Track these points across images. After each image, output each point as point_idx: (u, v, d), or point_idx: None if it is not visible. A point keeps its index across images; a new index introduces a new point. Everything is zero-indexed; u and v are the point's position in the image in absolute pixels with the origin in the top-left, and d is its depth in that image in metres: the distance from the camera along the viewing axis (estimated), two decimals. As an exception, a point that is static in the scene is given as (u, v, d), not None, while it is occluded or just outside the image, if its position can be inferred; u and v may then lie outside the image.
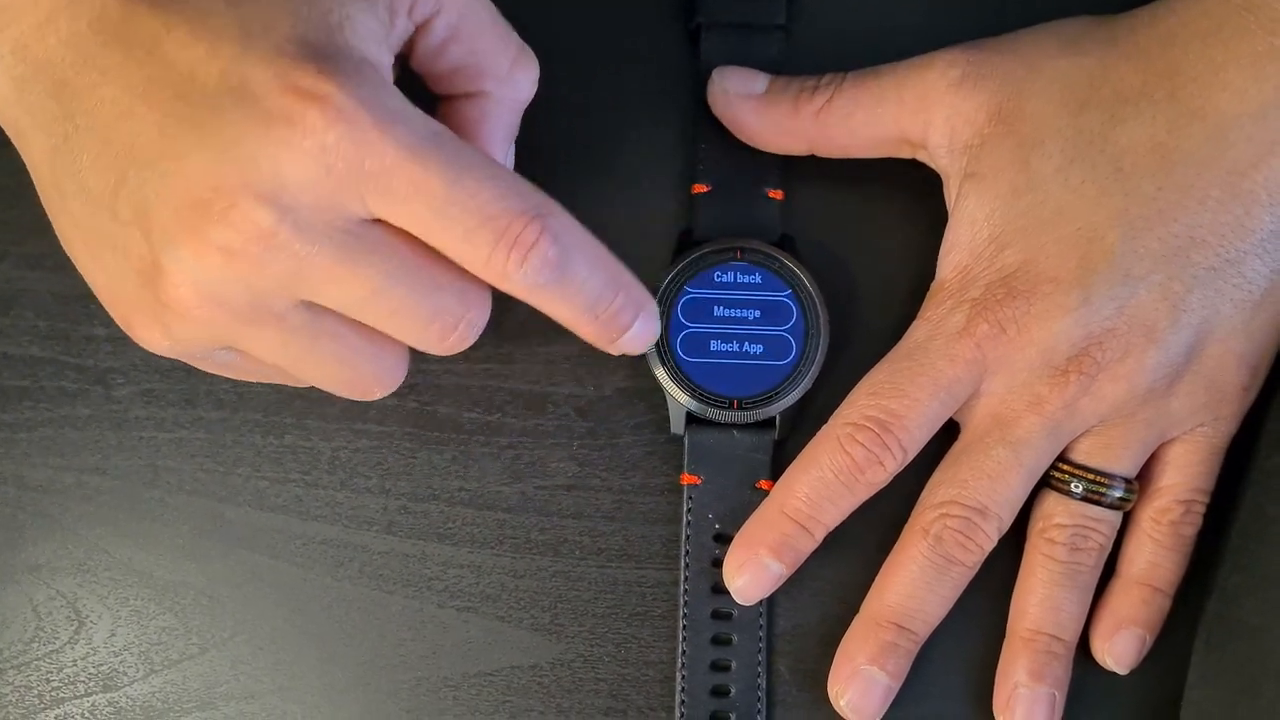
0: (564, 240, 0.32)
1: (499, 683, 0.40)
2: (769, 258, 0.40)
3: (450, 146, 0.31)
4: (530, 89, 0.36)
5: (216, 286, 0.31)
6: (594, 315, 0.34)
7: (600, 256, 0.33)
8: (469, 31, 0.35)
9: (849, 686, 0.39)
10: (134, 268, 0.32)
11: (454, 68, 0.35)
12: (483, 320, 0.34)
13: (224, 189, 0.30)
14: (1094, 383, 0.37)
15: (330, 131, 0.30)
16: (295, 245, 0.30)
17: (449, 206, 0.31)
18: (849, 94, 0.40)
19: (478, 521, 0.41)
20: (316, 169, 0.30)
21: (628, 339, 0.35)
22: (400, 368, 0.36)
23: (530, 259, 0.31)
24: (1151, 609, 0.40)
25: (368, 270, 0.32)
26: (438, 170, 0.30)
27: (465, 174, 0.31)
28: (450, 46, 0.35)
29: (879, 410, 0.38)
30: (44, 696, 0.41)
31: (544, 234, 0.31)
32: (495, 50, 0.35)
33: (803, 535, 0.39)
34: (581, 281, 0.33)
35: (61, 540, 0.41)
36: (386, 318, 0.33)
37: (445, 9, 0.34)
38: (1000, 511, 0.38)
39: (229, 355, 0.35)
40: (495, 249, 0.31)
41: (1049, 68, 0.38)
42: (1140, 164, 0.37)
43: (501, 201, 0.31)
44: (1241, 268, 0.37)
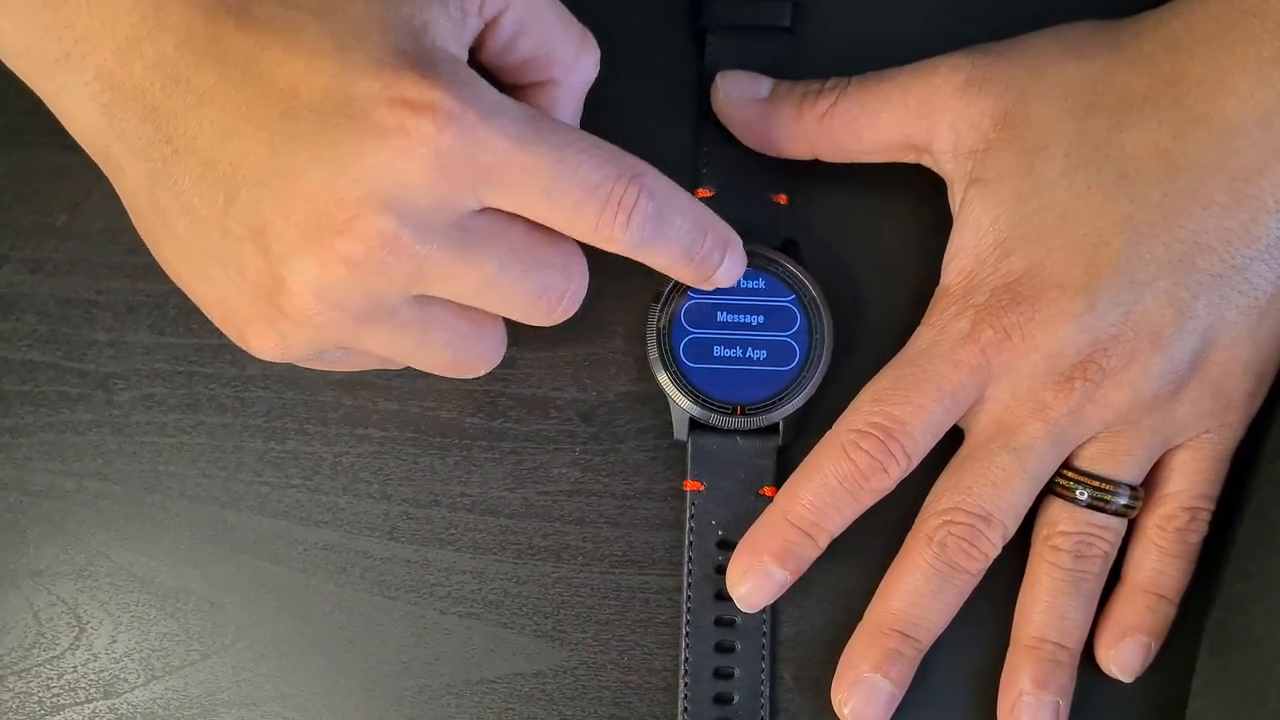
0: (659, 195, 0.34)
1: (502, 690, 0.40)
2: (772, 262, 0.40)
3: (548, 128, 0.32)
4: (594, 71, 0.38)
5: (338, 294, 0.32)
6: (689, 259, 0.36)
7: (688, 203, 0.35)
8: (535, 24, 0.36)
9: (852, 694, 0.39)
10: (249, 281, 0.33)
11: (523, 60, 0.36)
12: (584, 289, 0.36)
13: (345, 202, 0.31)
14: (1099, 389, 0.37)
15: (444, 136, 0.31)
16: (416, 247, 0.32)
17: (556, 184, 0.32)
18: (853, 98, 0.40)
19: (480, 527, 0.41)
20: (433, 172, 0.31)
21: (720, 275, 0.37)
22: (501, 345, 0.37)
23: (634, 218, 0.33)
24: (1156, 616, 0.40)
25: (481, 260, 0.33)
26: (544, 153, 0.32)
27: (566, 152, 0.32)
28: (519, 40, 0.36)
29: (883, 416, 0.38)
30: (44, 703, 0.40)
31: (642, 193, 0.33)
32: (561, 39, 0.37)
33: (806, 542, 0.39)
34: (676, 231, 0.35)
35: (63, 546, 0.41)
36: (497, 301, 0.35)
37: (512, 4, 0.35)
38: (1004, 518, 0.38)
39: (339, 353, 0.36)
40: (602, 215, 0.33)
41: (1053, 72, 0.38)
42: (1145, 169, 0.37)
43: (600, 169, 0.33)
44: (1247, 274, 0.37)
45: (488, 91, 0.32)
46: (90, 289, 0.41)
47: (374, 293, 0.33)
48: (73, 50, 0.32)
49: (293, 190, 0.31)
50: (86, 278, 0.41)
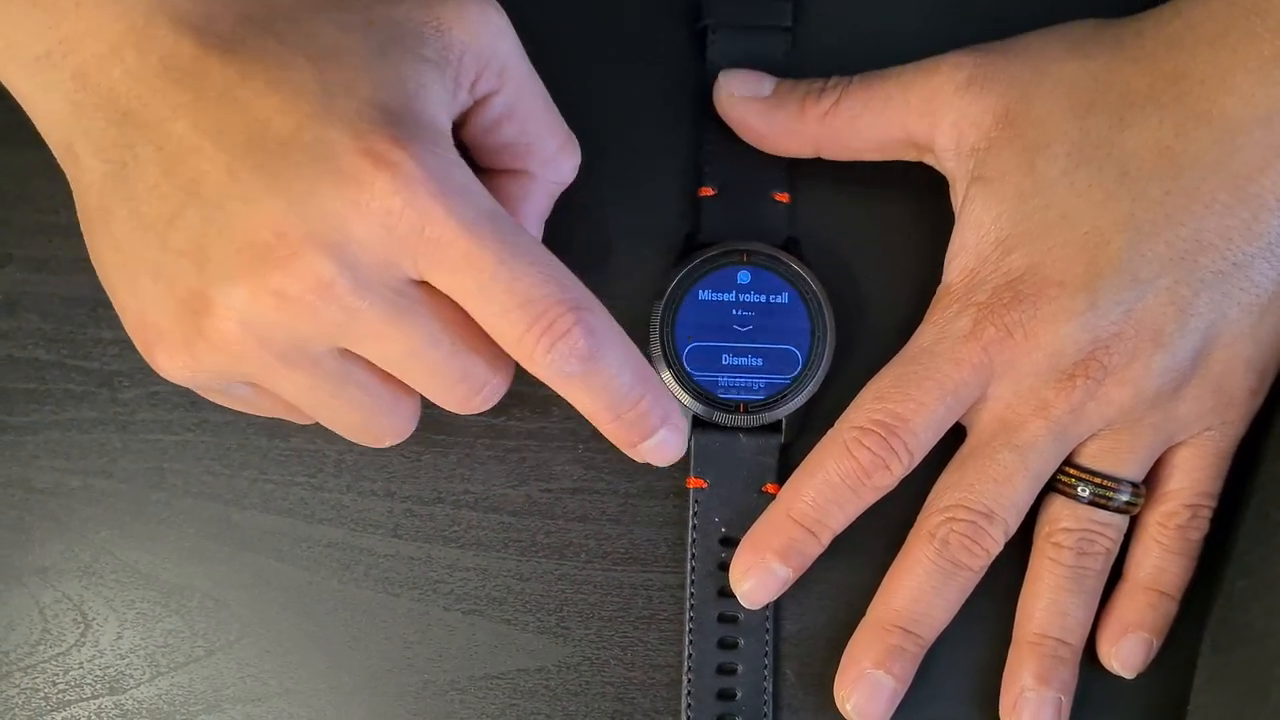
0: (597, 336, 0.33)
1: (505, 686, 0.40)
2: (775, 261, 0.40)
3: (505, 227, 0.32)
4: (571, 174, 0.38)
5: (262, 327, 0.32)
6: (616, 414, 0.34)
7: (632, 359, 0.34)
8: (523, 113, 0.36)
9: (855, 690, 0.39)
10: (176, 296, 0.32)
11: (503, 145, 0.37)
12: (505, 387, 0.35)
13: (289, 237, 0.31)
14: (1100, 387, 0.37)
15: (396, 197, 0.31)
16: (349, 299, 0.32)
17: (493, 283, 0.32)
18: (855, 97, 0.40)
19: (483, 525, 0.41)
20: (380, 229, 0.31)
21: (649, 446, 0.35)
22: (413, 420, 0.37)
23: (559, 347, 0.32)
24: (1158, 614, 0.40)
25: (410, 330, 0.33)
26: (489, 248, 0.32)
27: (514, 256, 0.32)
28: (503, 124, 0.36)
29: (885, 414, 0.38)
30: (50, 699, 0.41)
31: (577, 325, 0.32)
32: (545, 133, 0.37)
33: (809, 539, 0.39)
34: (608, 379, 0.34)
35: (68, 543, 0.41)
36: (418, 375, 0.34)
37: (504, 89, 0.36)
38: (1006, 516, 0.38)
39: (245, 389, 0.35)
40: (528, 331, 0.32)
41: (1055, 71, 0.38)
42: (1147, 168, 0.37)
43: (543, 288, 0.32)
44: (1249, 272, 0.37)
45: (459, 171, 0.32)
46: (95, 287, 0.41)
47: (298, 335, 0.32)
48: (54, 49, 0.32)
49: (242, 217, 0.31)
50: (91, 276, 0.41)
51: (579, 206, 0.41)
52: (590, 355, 0.33)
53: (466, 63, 0.34)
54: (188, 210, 0.32)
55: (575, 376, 0.33)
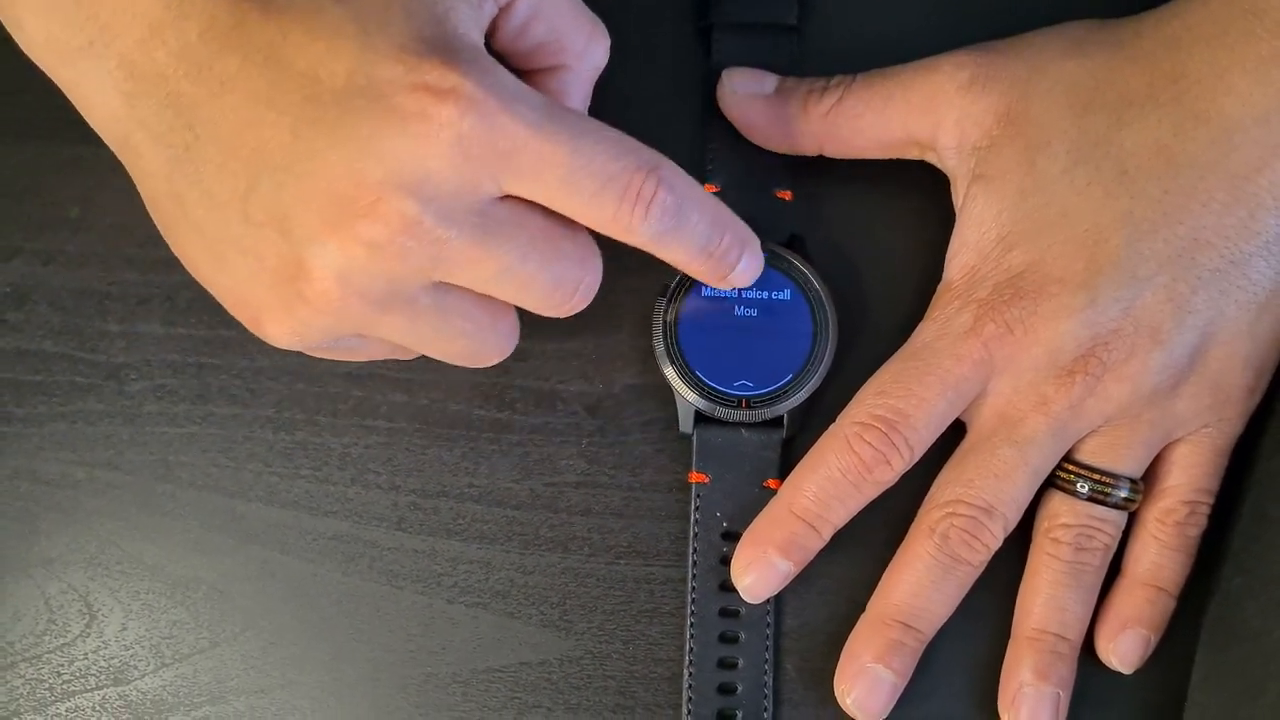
0: (678, 188, 0.34)
1: (508, 679, 0.41)
2: (777, 257, 0.41)
3: (567, 117, 0.33)
4: (604, 58, 0.38)
5: (360, 278, 0.32)
6: (707, 255, 0.36)
7: (706, 200, 0.35)
8: (548, 10, 0.36)
9: (855, 684, 0.39)
10: (269, 267, 0.33)
11: (536, 45, 0.37)
12: (598, 281, 0.36)
13: (366, 185, 0.31)
14: (1099, 383, 0.38)
15: (464, 121, 0.31)
16: (437, 231, 0.32)
17: (574, 173, 0.32)
18: (858, 95, 0.40)
19: (487, 518, 0.41)
20: (455, 157, 0.31)
21: (736, 274, 0.37)
22: (515, 334, 0.37)
23: (652, 210, 0.33)
24: (1156, 609, 0.40)
25: (500, 248, 0.33)
26: (562, 141, 0.32)
27: (584, 141, 0.32)
28: (532, 25, 0.36)
29: (886, 409, 0.38)
30: (55, 689, 0.41)
31: (661, 185, 0.33)
32: (573, 26, 0.37)
33: (810, 534, 0.39)
34: (694, 225, 0.35)
35: (74, 534, 0.41)
36: (513, 290, 0.35)
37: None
38: (1006, 511, 0.39)
39: (354, 340, 0.36)
40: (620, 205, 0.33)
41: (1055, 70, 0.38)
42: (1146, 166, 0.37)
43: (619, 160, 0.33)
44: (1246, 270, 0.37)
45: (507, 78, 0.32)
46: (103, 280, 0.42)
47: (395, 278, 0.33)
48: (96, 39, 0.32)
49: (315, 175, 0.31)
50: (99, 269, 0.42)
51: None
52: (678, 208, 0.34)
53: None
54: (260, 181, 0.32)
55: (669, 232, 0.34)
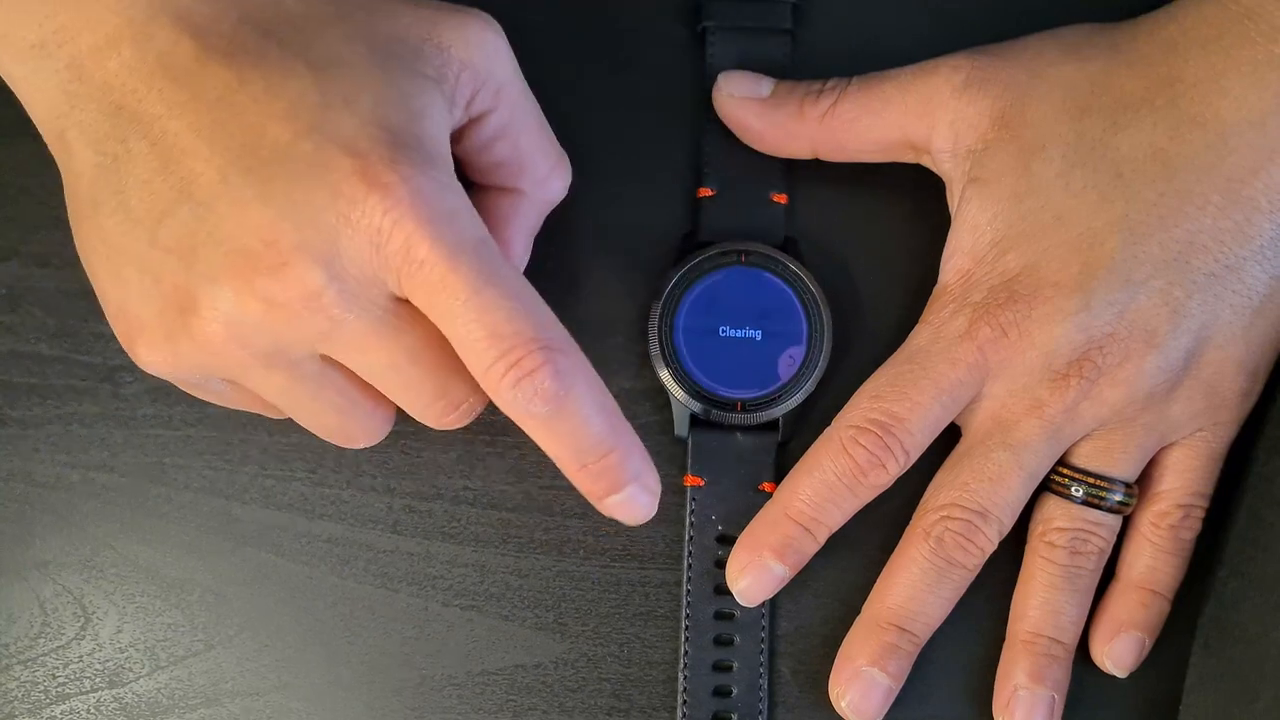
0: (566, 380, 0.32)
1: (503, 681, 0.41)
2: (773, 261, 0.41)
3: (487, 258, 0.32)
4: (562, 193, 0.38)
5: (246, 329, 0.32)
6: (581, 463, 0.33)
7: (605, 409, 0.33)
8: (516, 133, 0.37)
9: (850, 688, 0.39)
10: (162, 291, 0.33)
11: (496, 163, 0.37)
12: (482, 406, 0.35)
13: (280, 245, 0.31)
14: (1094, 387, 0.38)
15: (386, 217, 0.31)
16: (335, 309, 0.32)
17: (466, 311, 0.31)
18: (853, 98, 0.40)
19: (482, 521, 0.41)
20: (368, 246, 0.31)
21: (615, 502, 0.34)
22: (387, 426, 0.37)
23: (524, 384, 0.32)
24: (1150, 613, 0.40)
25: (393, 345, 0.33)
26: (467, 277, 0.31)
27: (491, 287, 0.31)
28: (497, 143, 0.36)
29: (881, 413, 0.38)
30: (50, 692, 0.41)
31: (545, 365, 0.32)
32: (538, 153, 0.37)
33: (805, 537, 0.39)
34: (575, 425, 0.32)
35: (69, 537, 0.41)
36: (396, 388, 0.34)
37: (499, 108, 0.36)
38: (1001, 515, 0.39)
39: (222, 385, 0.36)
40: (495, 365, 0.32)
41: (1051, 74, 0.38)
42: (1141, 170, 0.37)
43: (514, 324, 0.32)
44: (1241, 274, 0.37)
45: (451, 196, 0.32)
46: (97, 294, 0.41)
47: (282, 339, 0.32)
48: (49, 39, 0.32)
49: (233, 220, 0.31)
50: (94, 272, 0.42)
51: (579, 206, 0.41)
52: (556, 397, 0.32)
53: (464, 80, 0.34)
54: (179, 208, 0.32)
55: (539, 417, 0.32)
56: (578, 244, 0.42)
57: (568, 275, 0.42)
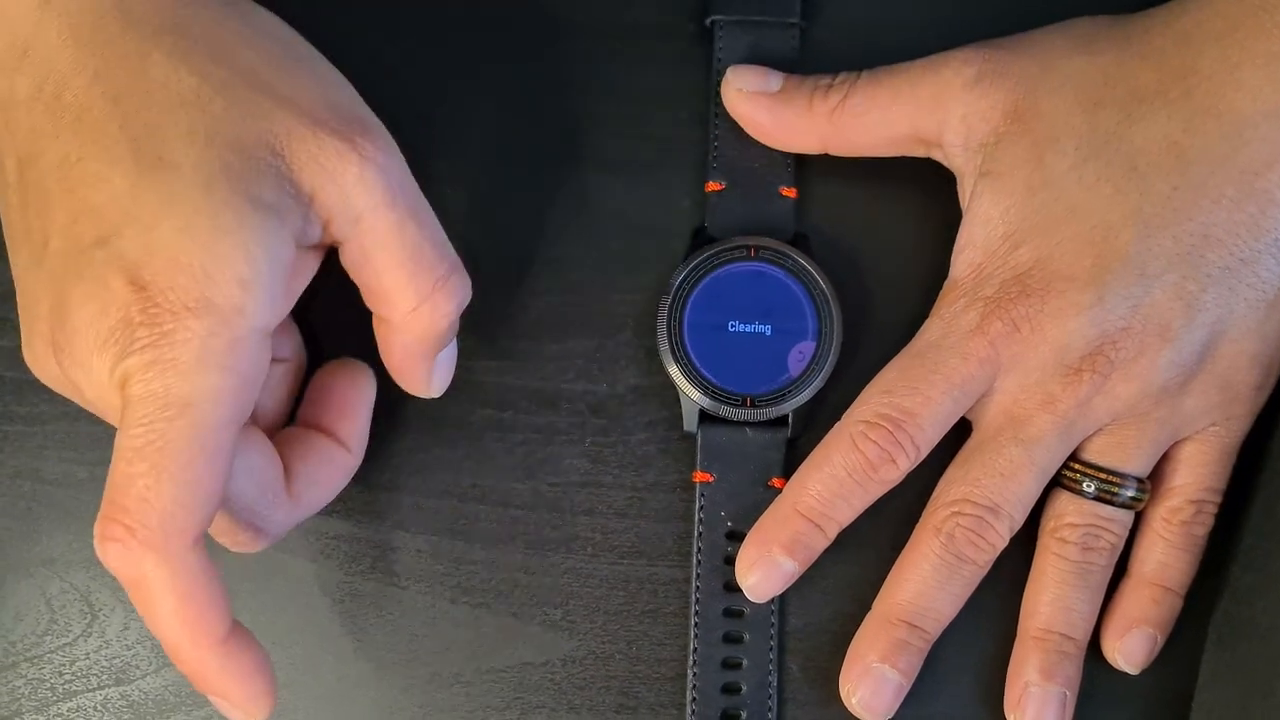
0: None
1: (511, 679, 0.41)
2: (782, 255, 0.40)
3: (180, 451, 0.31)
4: (445, 321, 0.36)
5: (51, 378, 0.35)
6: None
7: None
8: (379, 265, 0.35)
9: (860, 684, 0.39)
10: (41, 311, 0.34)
11: (363, 287, 0.36)
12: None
13: (73, 345, 0.32)
14: (1107, 381, 0.37)
15: (144, 372, 0.31)
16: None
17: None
18: (863, 93, 0.40)
19: (490, 518, 0.41)
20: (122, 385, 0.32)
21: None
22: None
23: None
24: (1163, 609, 0.40)
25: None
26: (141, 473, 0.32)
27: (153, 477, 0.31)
28: (360, 271, 0.35)
29: (892, 408, 0.38)
30: (57, 689, 0.41)
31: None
32: (404, 287, 0.35)
33: (815, 533, 0.39)
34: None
35: (76, 534, 0.41)
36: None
37: (358, 238, 0.34)
38: (1012, 510, 0.38)
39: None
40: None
41: (1064, 66, 0.38)
42: (1155, 163, 0.37)
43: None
44: (1256, 267, 0.37)
45: (211, 363, 0.31)
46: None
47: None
48: None
49: (32, 303, 0.33)
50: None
51: (587, 201, 0.41)
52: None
53: (317, 205, 0.33)
54: (32, 259, 0.33)
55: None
56: (586, 238, 0.41)
57: (576, 269, 0.41)
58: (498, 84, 0.42)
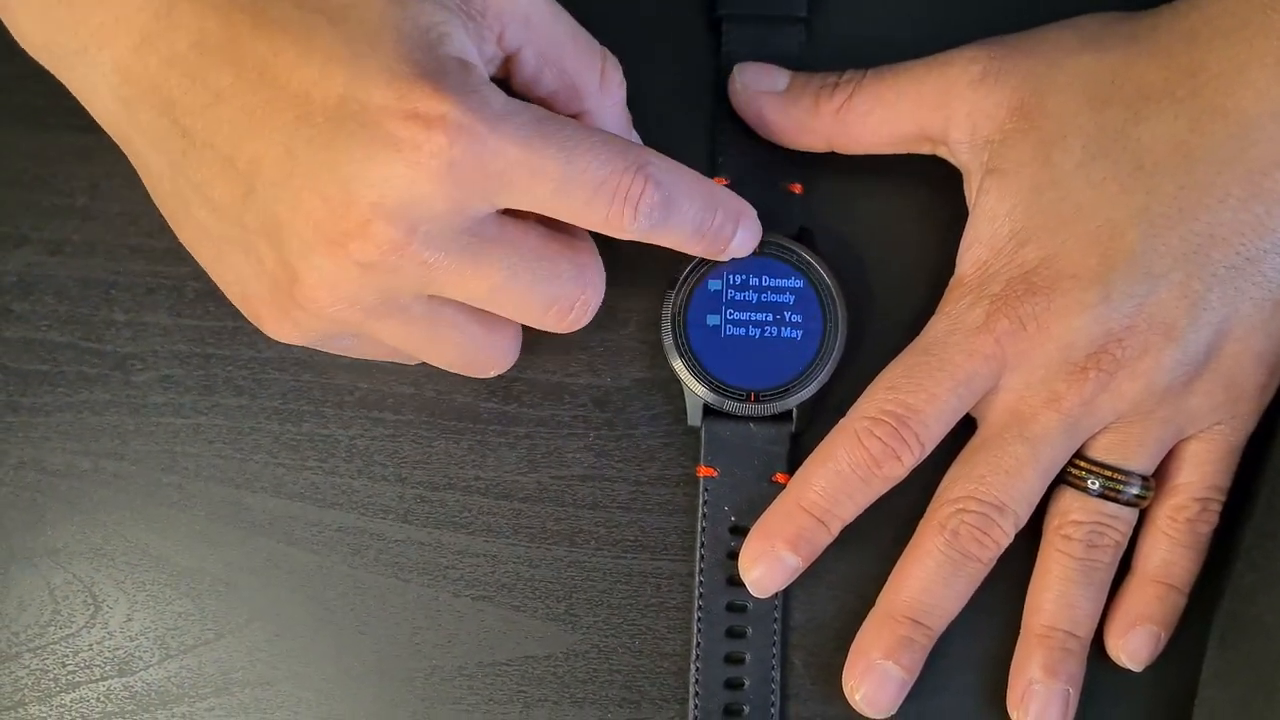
0: (665, 183, 0.34)
1: (513, 672, 0.41)
2: (788, 251, 0.40)
3: (555, 129, 0.33)
4: (623, 90, 0.38)
5: (351, 290, 0.33)
6: (700, 236, 0.36)
7: (696, 185, 0.36)
8: (556, 58, 0.37)
9: (864, 680, 0.39)
10: (266, 270, 0.34)
11: (550, 93, 0.37)
12: (598, 299, 0.36)
13: (358, 207, 0.32)
14: (1113, 380, 0.37)
15: (455, 148, 0.31)
16: (425, 254, 0.33)
17: (565, 184, 0.33)
18: (869, 91, 0.40)
19: (494, 511, 0.41)
20: (446, 184, 0.32)
21: (734, 247, 0.38)
22: (515, 348, 0.38)
23: (641, 208, 0.34)
24: (1166, 606, 0.40)
25: (491, 268, 0.34)
26: (550, 154, 0.33)
27: (573, 151, 0.33)
28: (542, 74, 0.37)
29: (896, 405, 0.38)
30: (60, 680, 0.41)
31: (648, 183, 0.34)
32: (584, 69, 0.37)
33: (819, 529, 0.39)
34: (685, 213, 0.35)
35: (79, 525, 0.41)
36: (508, 306, 0.35)
37: (531, 40, 0.36)
38: (1017, 508, 0.38)
39: (349, 340, 0.37)
40: (610, 208, 0.34)
41: (1071, 64, 0.38)
42: (1162, 161, 0.37)
43: (607, 165, 0.33)
44: (1261, 266, 0.37)
45: (495, 97, 0.32)
46: (109, 270, 0.41)
47: (385, 290, 0.34)
48: (89, 44, 0.33)
49: (308, 192, 0.32)
50: (106, 259, 0.41)
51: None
52: (666, 202, 0.34)
53: (490, 16, 0.34)
54: (255, 191, 0.32)
55: (660, 225, 0.35)
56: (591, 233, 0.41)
57: (581, 264, 0.41)
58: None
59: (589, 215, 0.34)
